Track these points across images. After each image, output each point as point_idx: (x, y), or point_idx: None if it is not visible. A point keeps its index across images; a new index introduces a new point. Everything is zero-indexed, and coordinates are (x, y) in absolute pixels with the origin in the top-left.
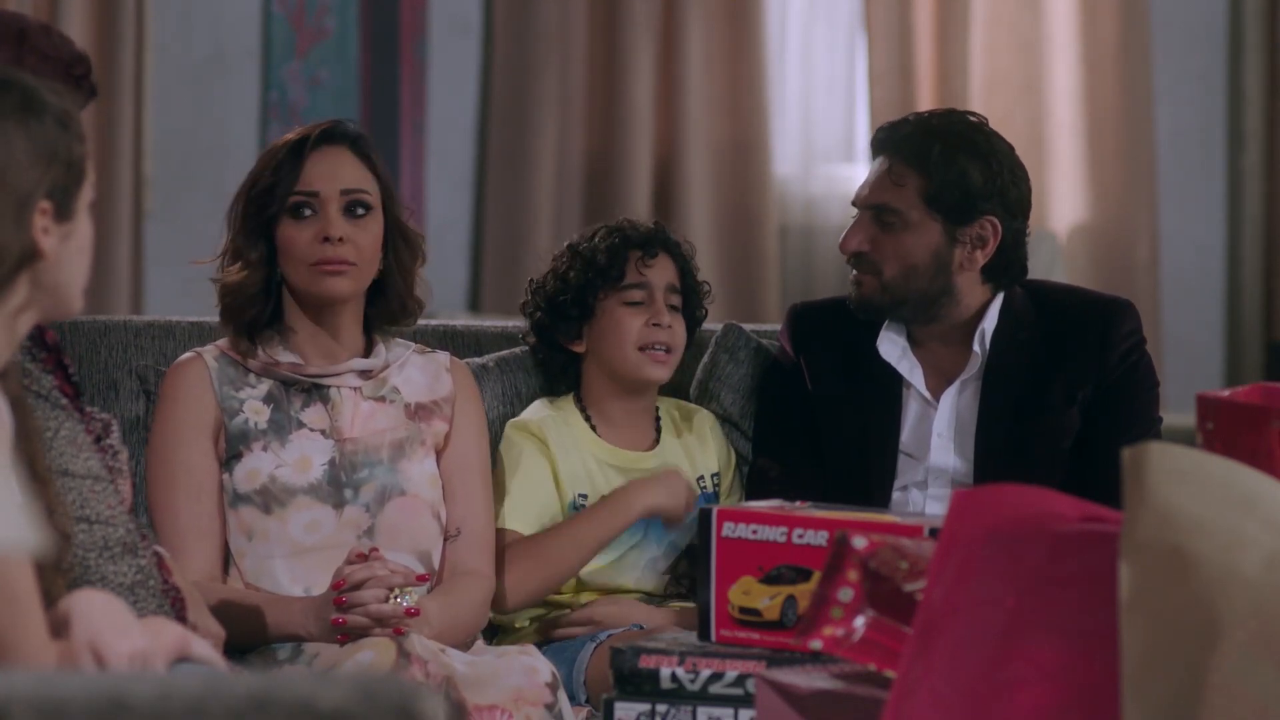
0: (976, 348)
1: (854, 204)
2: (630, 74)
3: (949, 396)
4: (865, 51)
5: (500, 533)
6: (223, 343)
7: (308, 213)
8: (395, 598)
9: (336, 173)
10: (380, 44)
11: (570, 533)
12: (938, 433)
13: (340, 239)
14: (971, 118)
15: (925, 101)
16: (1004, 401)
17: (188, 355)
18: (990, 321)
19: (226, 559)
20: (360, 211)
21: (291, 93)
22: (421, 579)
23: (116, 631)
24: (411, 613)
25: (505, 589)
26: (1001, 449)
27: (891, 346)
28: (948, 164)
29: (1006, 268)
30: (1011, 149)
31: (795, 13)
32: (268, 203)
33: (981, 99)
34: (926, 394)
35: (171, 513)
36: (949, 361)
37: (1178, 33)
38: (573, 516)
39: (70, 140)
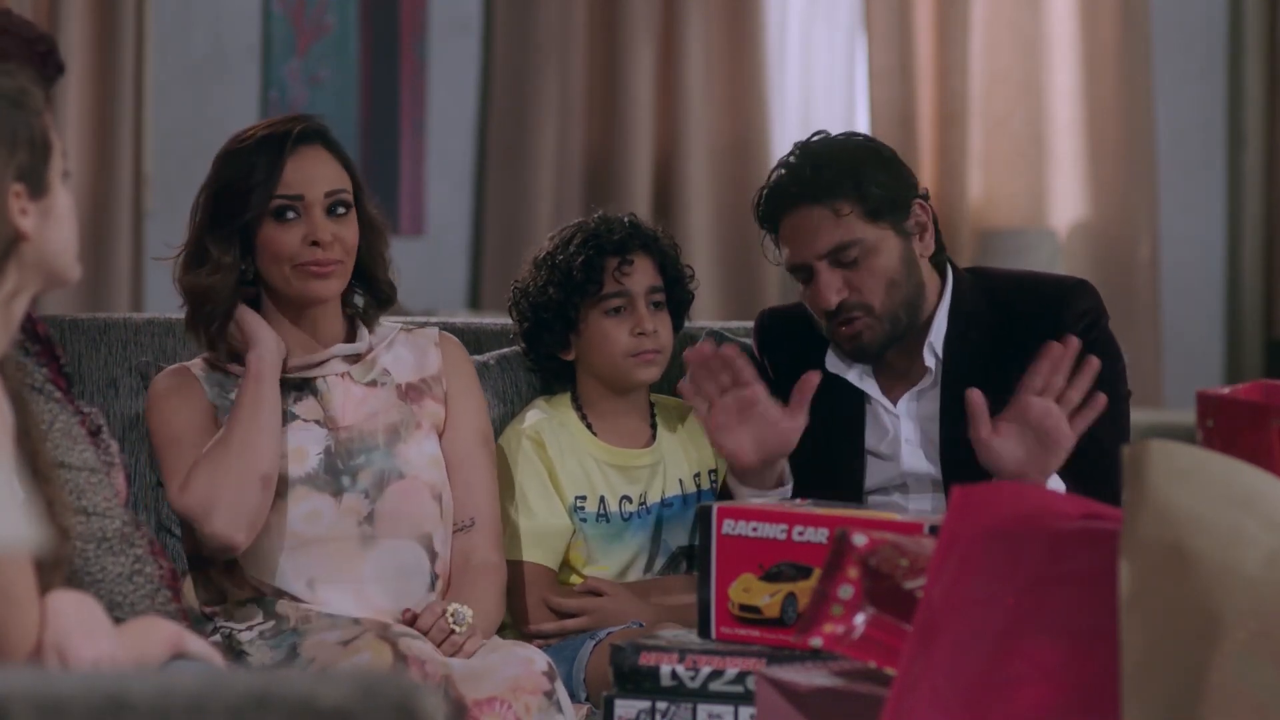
0: (929, 361)
1: (805, 263)
2: (630, 74)
3: (908, 404)
4: (865, 51)
5: (520, 565)
6: (206, 355)
7: (291, 215)
8: (453, 626)
9: (318, 174)
10: (380, 43)
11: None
12: (906, 439)
13: (329, 241)
14: (839, 133)
15: (925, 101)
16: (963, 407)
17: (173, 367)
18: (939, 330)
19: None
20: (341, 210)
21: (291, 91)
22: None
23: (84, 635)
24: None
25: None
26: (968, 454)
27: (837, 359)
28: (868, 176)
29: (940, 245)
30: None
31: (795, 13)
32: (244, 206)
33: (981, 99)
34: (884, 401)
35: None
36: (905, 367)
37: (1178, 33)
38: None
39: (29, 117)
